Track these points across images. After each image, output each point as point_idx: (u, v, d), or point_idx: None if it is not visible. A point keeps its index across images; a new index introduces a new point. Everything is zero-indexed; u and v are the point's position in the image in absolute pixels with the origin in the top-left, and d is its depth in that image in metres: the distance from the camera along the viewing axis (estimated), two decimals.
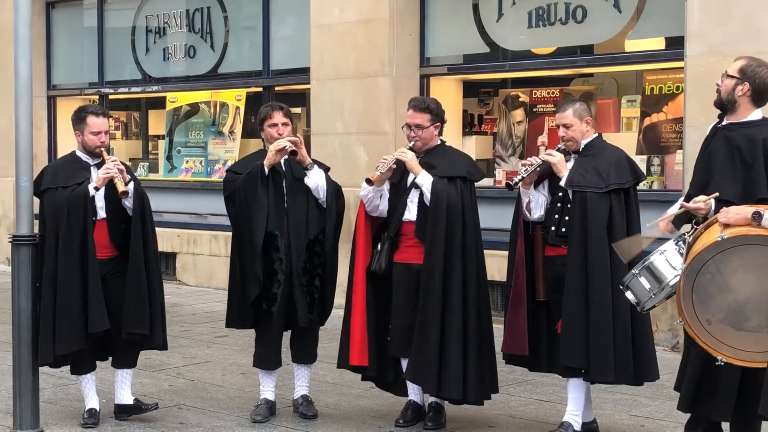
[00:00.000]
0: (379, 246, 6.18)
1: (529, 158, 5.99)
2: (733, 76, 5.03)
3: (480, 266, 6.12)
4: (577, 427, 5.80)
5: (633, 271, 4.87)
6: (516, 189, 5.90)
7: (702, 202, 4.82)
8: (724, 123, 5.09)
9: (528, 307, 5.85)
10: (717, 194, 4.80)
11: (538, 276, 5.87)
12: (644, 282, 4.81)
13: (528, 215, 5.87)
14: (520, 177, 5.84)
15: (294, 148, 6.25)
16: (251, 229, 6.23)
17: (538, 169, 5.85)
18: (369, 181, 6.06)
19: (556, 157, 5.80)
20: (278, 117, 6.40)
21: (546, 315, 5.87)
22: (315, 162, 6.47)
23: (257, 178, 6.21)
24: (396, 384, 6.34)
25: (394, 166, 6.12)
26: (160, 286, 6.30)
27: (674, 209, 5.05)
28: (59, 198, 6.09)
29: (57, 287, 6.03)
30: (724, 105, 5.07)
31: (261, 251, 6.20)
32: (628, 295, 4.91)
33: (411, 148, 6.14)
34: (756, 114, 5.04)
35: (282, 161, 6.33)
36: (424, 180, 6.04)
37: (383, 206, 6.19)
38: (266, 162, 6.24)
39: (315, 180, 6.32)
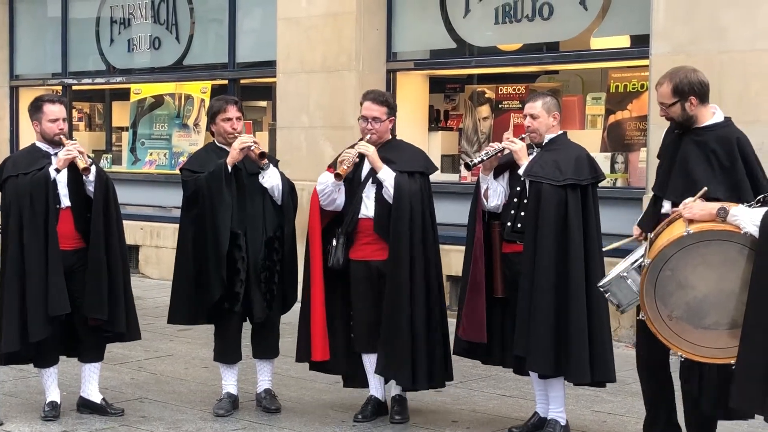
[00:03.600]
0: (334, 241, 6.15)
1: (491, 143, 6.01)
2: (673, 102, 5.03)
3: (438, 260, 6.16)
4: (563, 422, 5.85)
5: (620, 274, 4.86)
6: (474, 174, 5.91)
7: (692, 202, 4.75)
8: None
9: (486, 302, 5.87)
10: (706, 189, 4.79)
11: (496, 273, 5.89)
12: (632, 285, 4.81)
13: (485, 203, 5.89)
14: (479, 159, 5.86)
15: (263, 150, 6.17)
16: (216, 229, 6.15)
17: (499, 155, 5.87)
18: (338, 176, 6.01)
19: (517, 145, 5.81)
20: (232, 111, 6.34)
21: (502, 311, 5.89)
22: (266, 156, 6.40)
23: (221, 178, 6.13)
24: (355, 377, 6.34)
25: (357, 159, 6.09)
26: (125, 275, 6.23)
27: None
28: (21, 184, 6.02)
29: (26, 274, 5.97)
30: (686, 125, 5.08)
31: (226, 252, 6.15)
32: (609, 297, 4.91)
33: (367, 142, 6.13)
34: (718, 115, 5.07)
35: None
36: (387, 175, 6.03)
37: (340, 200, 6.15)
38: (229, 160, 6.16)
39: (270, 181, 6.27)
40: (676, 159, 5.13)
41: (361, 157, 6.10)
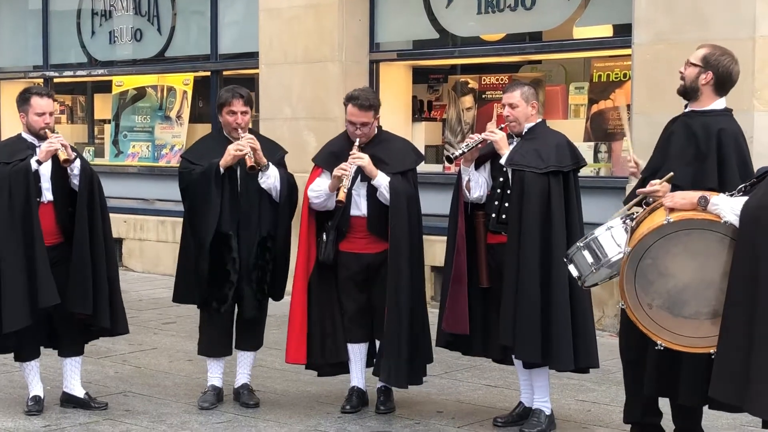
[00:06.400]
0: (324, 236, 6.15)
1: (471, 135, 6.01)
2: (696, 65, 5.03)
3: (422, 252, 6.18)
4: (548, 411, 5.86)
5: (577, 244, 4.88)
6: (456, 165, 5.92)
7: (658, 185, 4.80)
8: (686, 110, 5.12)
9: (469, 293, 5.87)
10: (672, 174, 4.81)
11: (481, 263, 5.89)
12: (587, 256, 4.82)
13: (467, 194, 5.89)
14: (460, 151, 5.86)
15: (252, 164, 6.07)
16: (200, 230, 6.15)
17: (480, 146, 5.87)
18: (341, 202, 5.96)
19: (497, 135, 5.82)
20: (238, 105, 6.26)
21: (484, 301, 5.90)
22: (271, 145, 6.37)
23: (211, 179, 6.10)
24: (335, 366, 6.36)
25: (351, 174, 6.06)
26: (111, 268, 6.18)
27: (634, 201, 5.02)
28: (1, 173, 5.97)
29: (1, 266, 5.92)
30: (688, 93, 5.08)
31: (209, 253, 6.12)
32: (571, 268, 4.91)
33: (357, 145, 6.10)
34: (718, 103, 5.07)
35: None
36: (382, 180, 6.03)
37: (331, 204, 6.14)
38: (222, 162, 6.12)
39: (269, 182, 6.23)
40: (664, 138, 5.17)
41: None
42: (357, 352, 6.26)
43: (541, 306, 5.62)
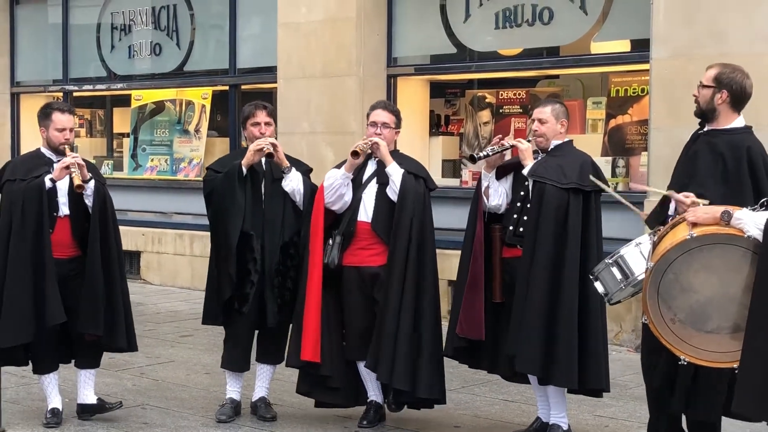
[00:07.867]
0: (330, 240, 6.14)
1: (498, 139, 6.01)
2: (709, 86, 5.04)
3: (434, 271, 6.11)
4: (565, 427, 5.84)
5: (606, 261, 4.88)
6: (478, 163, 5.91)
7: (690, 199, 4.75)
8: (705, 129, 5.11)
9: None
10: (708, 201, 4.76)
11: (495, 277, 5.88)
12: (616, 272, 4.82)
13: (485, 201, 5.89)
14: (485, 153, 5.88)
15: (271, 150, 6.22)
16: (226, 228, 6.23)
17: (505, 153, 5.89)
18: (355, 153, 6.01)
19: (524, 144, 5.85)
20: (261, 116, 6.39)
21: (496, 316, 5.87)
22: (296, 161, 6.45)
23: (234, 178, 6.20)
24: (338, 391, 6.26)
25: (369, 151, 6.11)
26: (123, 287, 6.22)
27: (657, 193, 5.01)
28: (16, 189, 6.03)
29: (6, 279, 5.95)
30: (705, 114, 5.09)
31: (235, 251, 6.18)
32: (597, 285, 4.91)
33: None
34: (738, 121, 5.06)
35: (262, 161, 6.31)
36: (395, 170, 6.05)
37: (348, 196, 6.13)
38: (244, 161, 6.23)
39: (292, 185, 6.30)
40: (688, 156, 5.16)
41: (364, 163, 6.12)
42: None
43: (547, 321, 5.60)
